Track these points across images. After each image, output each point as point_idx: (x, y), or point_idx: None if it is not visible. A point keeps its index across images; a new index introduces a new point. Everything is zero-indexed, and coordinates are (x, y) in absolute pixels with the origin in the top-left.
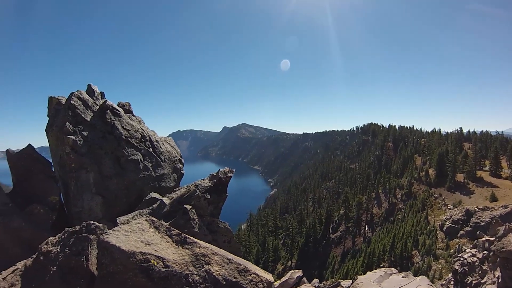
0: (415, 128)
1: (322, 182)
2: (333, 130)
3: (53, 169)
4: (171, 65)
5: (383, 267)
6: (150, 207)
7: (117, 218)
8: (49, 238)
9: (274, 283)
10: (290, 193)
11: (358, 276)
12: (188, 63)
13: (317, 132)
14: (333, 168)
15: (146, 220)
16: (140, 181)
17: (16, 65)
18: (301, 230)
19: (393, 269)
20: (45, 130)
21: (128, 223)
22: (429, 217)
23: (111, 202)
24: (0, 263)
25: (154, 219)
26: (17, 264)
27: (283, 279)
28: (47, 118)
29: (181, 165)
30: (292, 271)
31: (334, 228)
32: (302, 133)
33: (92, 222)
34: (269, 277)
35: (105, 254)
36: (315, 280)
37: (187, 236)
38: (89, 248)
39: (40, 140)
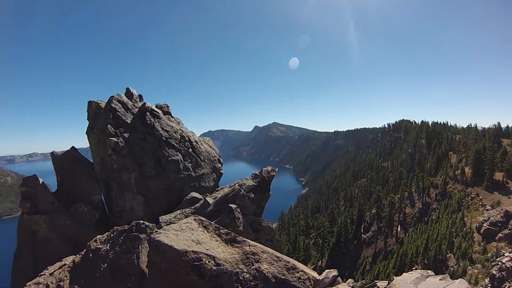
0: (449, 124)
1: (353, 180)
2: (364, 128)
3: (95, 170)
4: (202, 66)
5: (415, 269)
6: (193, 207)
7: (160, 217)
8: (97, 236)
9: None
10: (321, 192)
11: (394, 277)
12: (219, 63)
13: (348, 130)
14: (364, 166)
15: (194, 219)
16: (180, 181)
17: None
18: (332, 230)
19: (429, 271)
20: (86, 133)
21: (170, 222)
22: (465, 218)
23: (152, 201)
24: (46, 258)
25: (202, 218)
26: (63, 260)
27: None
28: (85, 121)
29: (220, 165)
30: (327, 270)
31: (365, 228)
32: (333, 131)
33: (141, 221)
34: (315, 274)
35: (156, 253)
36: (350, 280)
37: (236, 234)
38: (140, 247)
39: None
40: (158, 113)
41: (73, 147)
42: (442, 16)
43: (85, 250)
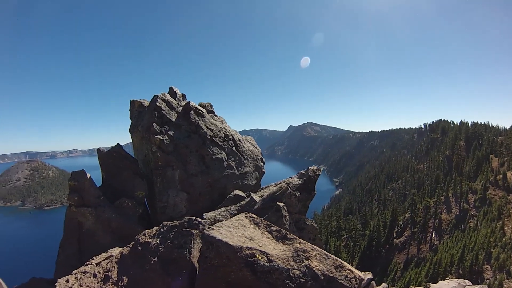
0: (490, 125)
1: (388, 183)
2: (400, 128)
3: (139, 167)
4: (237, 66)
5: (449, 279)
6: (238, 204)
7: (204, 214)
8: (146, 231)
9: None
10: (355, 194)
11: (431, 284)
12: (253, 62)
13: (383, 130)
14: (399, 168)
15: (245, 216)
16: (224, 179)
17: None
18: (364, 233)
19: (466, 280)
20: (129, 131)
21: (215, 219)
22: (506, 228)
23: (195, 198)
24: (90, 249)
25: (253, 215)
26: (108, 251)
27: None
28: (119, 119)
29: (262, 164)
30: (362, 272)
31: (398, 233)
32: (368, 131)
33: (194, 217)
34: (361, 274)
35: (209, 248)
36: (383, 285)
37: (287, 232)
38: (192, 242)
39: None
40: (202, 111)
41: (118, 144)
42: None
43: (133, 243)
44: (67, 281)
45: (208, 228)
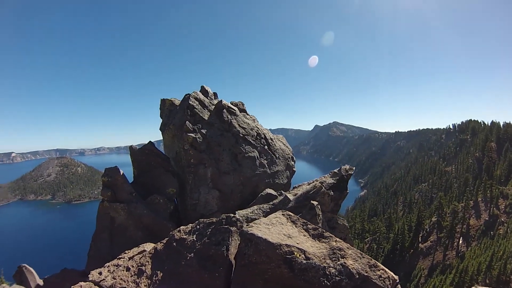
0: None
1: (414, 185)
2: (427, 129)
3: (170, 164)
4: (262, 65)
5: None
6: (271, 202)
7: (236, 212)
8: (181, 227)
9: None
10: (380, 195)
11: None
12: (279, 63)
13: (410, 130)
14: (426, 170)
15: (282, 214)
16: (256, 177)
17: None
18: (388, 236)
19: None
20: (160, 129)
21: (247, 217)
22: None
23: (227, 196)
24: (121, 243)
25: (290, 213)
26: (140, 246)
27: None
28: (147, 118)
29: (293, 163)
30: None
31: (424, 237)
32: (394, 131)
33: (232, 215)
34: (394, 275)
35: (248, 245)
36: None
37: (324, 230)
38: (230, 239)
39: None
40: (235, 110)
41: (150, 141)
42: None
43: (167, 239)
44: (100, 273)
45: (246, 225)
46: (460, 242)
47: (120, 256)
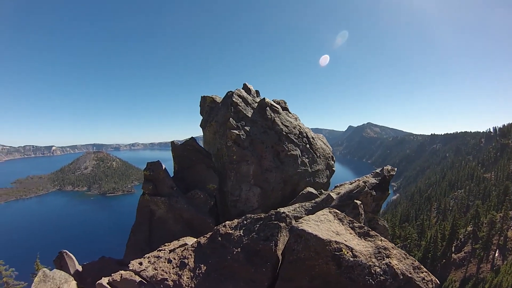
0: None
1: (449, 191)
2: (465, 132)
3: (212, 160)
4: (296, 65)
5: None
6: (313, 201)
7: (278, 210)
8: (227, 222)
9: None
10: (413, 200)
11: None
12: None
13: (447, 133)
14: (463, 175)
15: (329, 211)
16: (297, 175)
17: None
18: (420, 243)
19: None
20: (200, 126)
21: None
22: None
23: (268, 193)
24: (160, 236)
25: (337, 211)
26: (180, 239)
27: None
28: (178, 115)
29: (332, 162)
30: None
31: (457, 247)
32: (430, 134)
33: (282, 211)
34: (435, 278)
35: (298, 241)
36: None
37: (369, 229)
38: (279, 235)
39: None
40: (278, 108)
41: (192, 137)
42: None
43: (211, 233)
44: (140, 263)
45: (295, 221)
46: (496, 255)
47: (160, 248)
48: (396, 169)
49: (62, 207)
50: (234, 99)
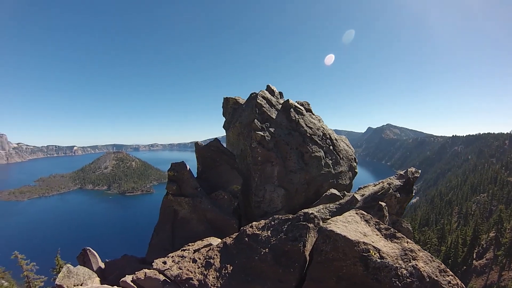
0: None
1: (471, 195)
2: (488, 133)
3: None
4: (312, 66)
5: None
6: (337, 202)
7: (307, 211)
8: (253, 223)
9: None
10: (433, 204)
11: None
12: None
13: (469, 134)
14: (486, 179)
15: (356, 213)
16: (321, 177)
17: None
18: (439, 248)
19: None
20: (223, 127)
21: None
22: None
23: (292, 195)
24: (183, 236)
25: (363, 212)
26: (204, 239)
27: None
28: (197, 117)
29: (355, 164)
30: None
31: (479, 254)
32: (451, 135)
33: (310, 211)
34: (461, 282)
35: (326, 242)
36: None
37: (396, 230)
38: (307, 235)
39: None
40: (301, 109)
41: (216, 138)
42: None
43: (237, 234)
44: (164, 262)
45: (324, 222)
46: None
47: (184, 248)
48: (420, 171)
49: (82, 205)
50: (258, 101)
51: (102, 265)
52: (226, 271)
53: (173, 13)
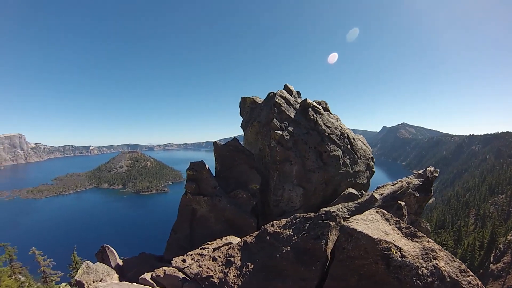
0: None
1: (489, 196)
2: (507, 132)
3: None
4: (326, 66)
5: None
6: (356, 202)
7: (321, 210)
8: (274, 221)
9: None
10: (449, 205)
11: None
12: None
13: (487, 134)
14: (505, 180)
15: (376, 211)
16: (339, 176)
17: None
18: (456, 251)
19: None
20: (241, 126)
21: None
22: None
23: (310, 194)
24: (201, 234)
25: (384, 211)
26: (224, 238)
27: None
28: (211, 117)
29: (372, 163)
30: None
31: (496, 257)
32: (468, 134)
33: (332, 210)
34: (481, 283)
35: (348, 240)
36: None
37: (416, 229)
38: (329, 233)
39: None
40: (319, 109)
41: (235, 138)
42: None
43: (258, 232)
44: (184, 261)
45: (345, 220)
46: None
47: (203, 247)
48: (439, 170)
49: (98, 203)
50: (277, 100)
51: (120, 262)
52: (247, 269)
53: (189, 17)
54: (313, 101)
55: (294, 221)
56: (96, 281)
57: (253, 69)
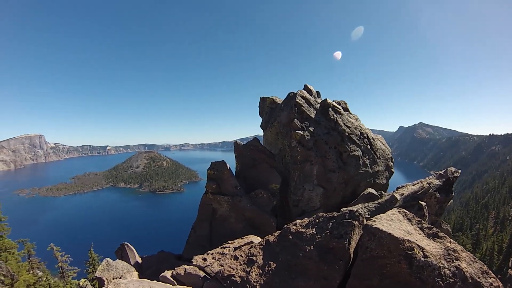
0: None
1: (509, 198)
2: None
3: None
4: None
5: None
6: (376, 202)
7: (342, 210)
8: (297, 221)
9: None
10: (468, 207)
11: None
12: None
13: (508, 133)
14: None
15: (398, 211)
16: (359, 176)
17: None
18: (474, 255)
19: None
20: (261, 127)
21: None
22: None
23: (329, 193)
24: (220, 233)
25: (406, 211)
26: (244, 237)
27: None
28: (227, 117)
29: (391, 163)
30: None
31: None
32: (488, 134)
33: (355, 209)
34: (502, 285)
35: (372, 239)
36: None
37: (438, 230)
38: (352, 233)
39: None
40: (339, 109)
41: (255, 138)
42: None
43: (280, 231)
44: (204, 259)
45: (370, 220)
46: None
47: (224, 245)
48: (460, 171)
49: (115, 202)
50: (297, 100)
51: (139, 260)
52: (269, 268)
53: (212, 19)
54: (333, 101)
55: (317, 221)
56: (116, 278)
57: (271, 70)
